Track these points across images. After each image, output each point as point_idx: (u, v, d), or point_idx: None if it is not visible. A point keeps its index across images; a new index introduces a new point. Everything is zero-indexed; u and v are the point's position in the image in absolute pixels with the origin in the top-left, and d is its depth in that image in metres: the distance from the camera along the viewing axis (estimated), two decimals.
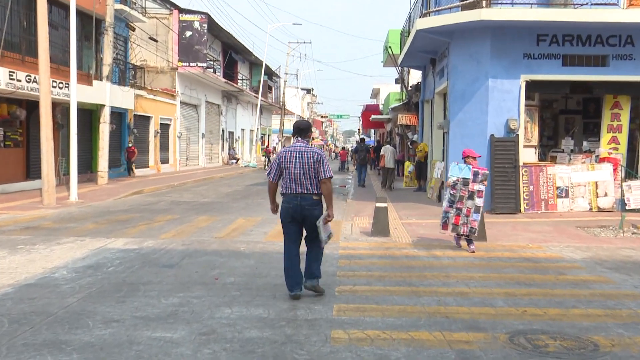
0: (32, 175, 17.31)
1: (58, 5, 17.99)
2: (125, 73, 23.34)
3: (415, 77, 26.36)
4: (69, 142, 15.35)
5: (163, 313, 5.24)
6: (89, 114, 20.68)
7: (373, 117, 37.88)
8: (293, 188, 5.69)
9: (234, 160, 39.73)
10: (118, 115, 22.79)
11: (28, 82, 15.44)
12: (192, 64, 29.13)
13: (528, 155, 13.48)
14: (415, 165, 19.19)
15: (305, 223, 5.76)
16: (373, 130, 57.95)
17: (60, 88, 16.82)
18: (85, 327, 4.83)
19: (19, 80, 15.08)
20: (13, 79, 14.80)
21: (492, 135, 12.79)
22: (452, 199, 8.51)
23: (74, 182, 14.63)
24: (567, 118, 16.14)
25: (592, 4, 12.48)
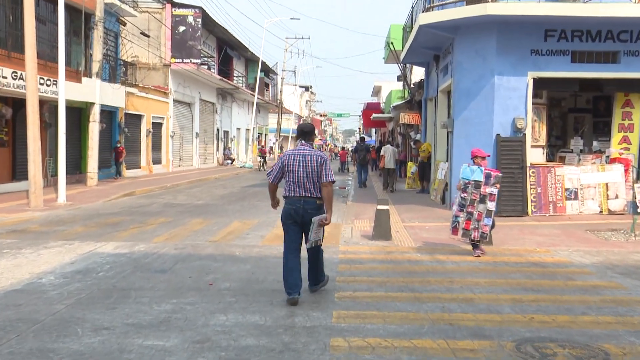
0: (18, 177, 16.98)
1: None
2: (116, 70, 23.06)
3: (418, 74, 25.99)
4: (57, 141, 15.11)
5: (155, 320, 5.17)
6: (78, 113, 20.43)
7: (374, 115, 37.11)
8: (297, 191, 5.76)
9: (230, 161, 39.28)
10: (108, 114, 22.45)
11: (14, 79, 15.36)
12: (185, 61, 28.60)
13: (535, 156, 13.29)
14: (418, 166, 18.91)
15: (305, 226, 5.82)
16: (374, 130, 57.26)
17: (48, 85, 16.68)
18: (74, 334, 4.77)
19: (5, 77, 14.98)
20: None
21: (498, 135, 12.57)
22: (462, 203, 8.26)
23: (62, 183, 14.47)
24: (576, 117, 15.98)
25: None
